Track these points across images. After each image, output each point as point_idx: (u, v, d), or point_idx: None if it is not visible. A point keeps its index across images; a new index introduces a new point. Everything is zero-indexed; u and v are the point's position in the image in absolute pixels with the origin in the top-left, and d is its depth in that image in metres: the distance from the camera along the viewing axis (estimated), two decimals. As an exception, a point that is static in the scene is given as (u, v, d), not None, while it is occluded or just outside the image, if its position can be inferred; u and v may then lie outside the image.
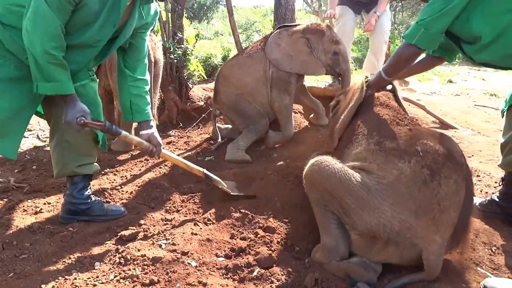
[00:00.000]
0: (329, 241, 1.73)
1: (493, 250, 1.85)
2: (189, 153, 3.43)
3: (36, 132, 4.06)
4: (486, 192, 2.48)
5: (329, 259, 1.73)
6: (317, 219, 1.81)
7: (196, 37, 5.35)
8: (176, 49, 4.13)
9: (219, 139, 3.41)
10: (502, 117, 2.14)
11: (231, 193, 2.45)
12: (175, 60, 4.16)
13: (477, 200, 2.21)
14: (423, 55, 2.24)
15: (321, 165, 1.71)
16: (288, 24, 3.40)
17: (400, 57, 2.03)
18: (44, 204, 2.49)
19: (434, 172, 1.51)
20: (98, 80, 3.64)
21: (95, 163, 2.32)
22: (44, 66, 1.76)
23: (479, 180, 2.67)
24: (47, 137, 3.84)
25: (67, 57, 1.84)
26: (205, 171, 2.42)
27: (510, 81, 6.31)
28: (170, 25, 4.15)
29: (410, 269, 1.64)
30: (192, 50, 4.43)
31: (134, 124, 3.76)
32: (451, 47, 2.15)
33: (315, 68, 3.18)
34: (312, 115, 3.78)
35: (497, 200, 2.17)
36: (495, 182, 2.60)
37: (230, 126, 3.57)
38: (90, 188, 2.33)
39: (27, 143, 3.80)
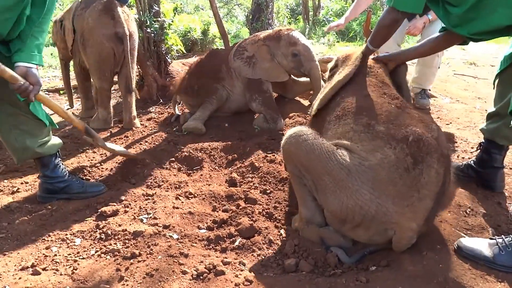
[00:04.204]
0: (306, 211, 1.75)
1: (467, 212, 1.91)
2: (169, 128, 3.39)
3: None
4: (463, 158, 2.54)
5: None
6: (295, 189, 1.82)
7: (174, 11, 5.19)
8: (153, 22, 4.00)
9: (176, 114, 3.60)
10: (494, 89, 2.11)
11: (116, 150, 2.55)
12: (152, 34, 4.04)
13: (454, 164, 2.26)
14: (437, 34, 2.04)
15: (299, 138, 1.66)
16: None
17: (381, 24, 1.95)
18: (21, 183, 2.44)
19: (417, 161, 1.50)
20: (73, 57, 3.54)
21: (55, 137, 2.24)
22: None
23: (457, 146, 2.72)
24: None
25: None
26: (86, 125, 2.30)
27: (489, 50, 6.37)
28: (145, -2, 4.00)
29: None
30: (170, 24, 4.30)
31: (112, 102, 3.67)
32: None
33: (277, 74, 3.23)
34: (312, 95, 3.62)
35: (473, 165, 2.23)
36: (472, 148, 2.65)
37: None
38: (63, 164, 2.28)
39: (2, 123, 3.69)
